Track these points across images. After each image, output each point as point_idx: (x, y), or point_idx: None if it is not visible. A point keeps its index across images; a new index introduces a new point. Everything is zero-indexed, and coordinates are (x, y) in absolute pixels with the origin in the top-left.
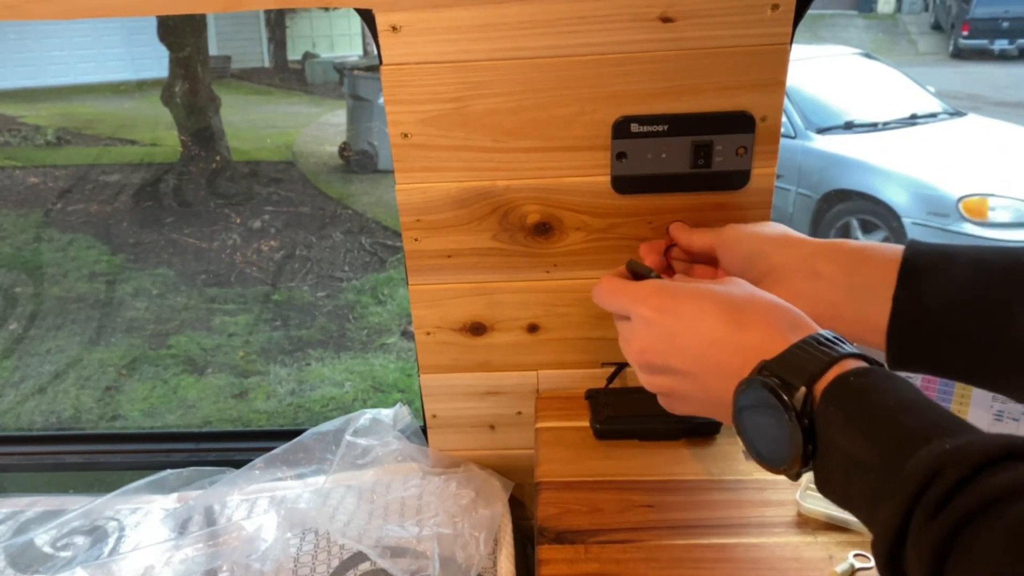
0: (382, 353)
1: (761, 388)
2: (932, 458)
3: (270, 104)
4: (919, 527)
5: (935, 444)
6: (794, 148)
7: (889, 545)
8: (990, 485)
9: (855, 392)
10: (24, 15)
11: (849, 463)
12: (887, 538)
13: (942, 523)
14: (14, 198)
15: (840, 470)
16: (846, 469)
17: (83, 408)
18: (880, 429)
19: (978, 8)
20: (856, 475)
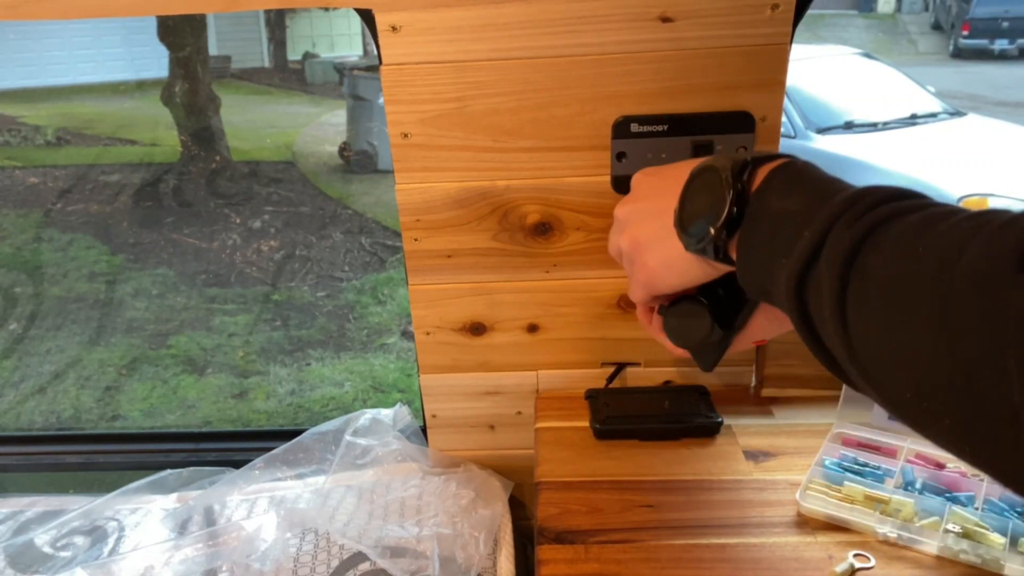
0: (382, 353)
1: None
2: (853, 192)
3: (270, 104)
4: (839, 233)
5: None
6: (794, 148)
7: (805, 261)
8: (899, 206)
9: (799, 168)
10: (24, 15)
11: (777, 219)
12: (805, 254)
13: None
14: (14, 198)
15: (767, 228)
16: (773, 225)
17: (83, 408)
18: (811, 188)
19: (978, 8)
20: (782, 225)
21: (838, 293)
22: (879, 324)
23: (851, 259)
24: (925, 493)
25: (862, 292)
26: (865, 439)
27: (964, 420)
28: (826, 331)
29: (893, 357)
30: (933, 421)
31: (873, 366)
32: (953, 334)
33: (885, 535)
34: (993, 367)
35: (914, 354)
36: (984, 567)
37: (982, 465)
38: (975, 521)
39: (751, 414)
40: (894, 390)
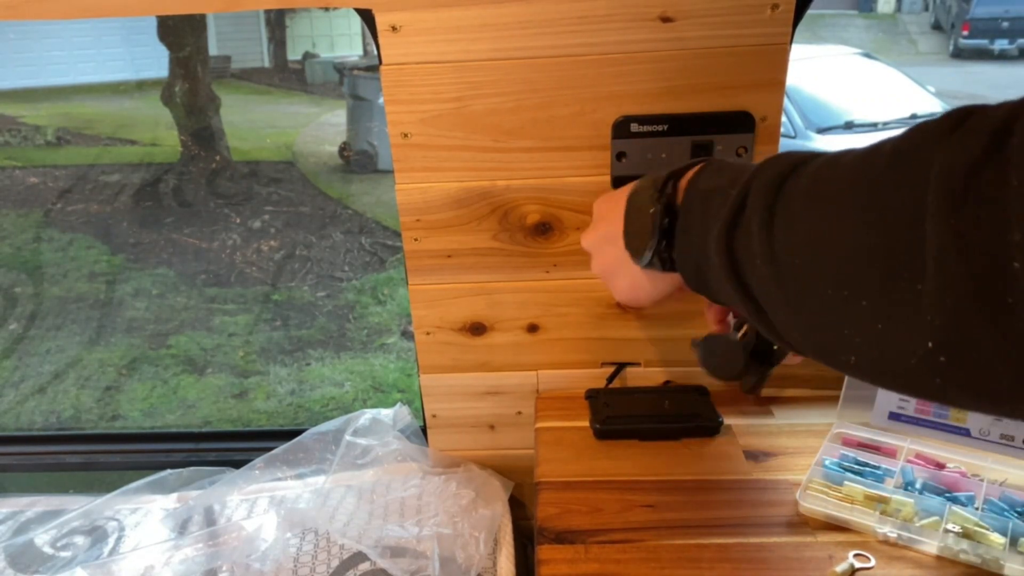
0: (382, 353)
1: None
2: (770, 157)
3: (270, 104)
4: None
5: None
6: (794, 148)
7: (734, 211)
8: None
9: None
10: (24, 15)
11: (707, 195)
12: (734, 205)
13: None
14: (14, 198)
15: (700, 205)
16: (705, 200)
17: (83, 408)
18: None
19: (978, 8)
20: (712, 198)
21: (764, 219)
22: (801, 231)
23: (777, 188)
24: (925, 493)
25: (787, 209)
26: (865, 439)
27: (882, 296)
28: (754, 268)
29: (816, 255)
30: (851, 311)
31: (797, 279)
32: (872, 207)
33: (885, 535)
34: (910, 231)
35: (835, 241)
36: (984, 567)
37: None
38: (975, 521)
39: (751, 414)
40: (816, 295)
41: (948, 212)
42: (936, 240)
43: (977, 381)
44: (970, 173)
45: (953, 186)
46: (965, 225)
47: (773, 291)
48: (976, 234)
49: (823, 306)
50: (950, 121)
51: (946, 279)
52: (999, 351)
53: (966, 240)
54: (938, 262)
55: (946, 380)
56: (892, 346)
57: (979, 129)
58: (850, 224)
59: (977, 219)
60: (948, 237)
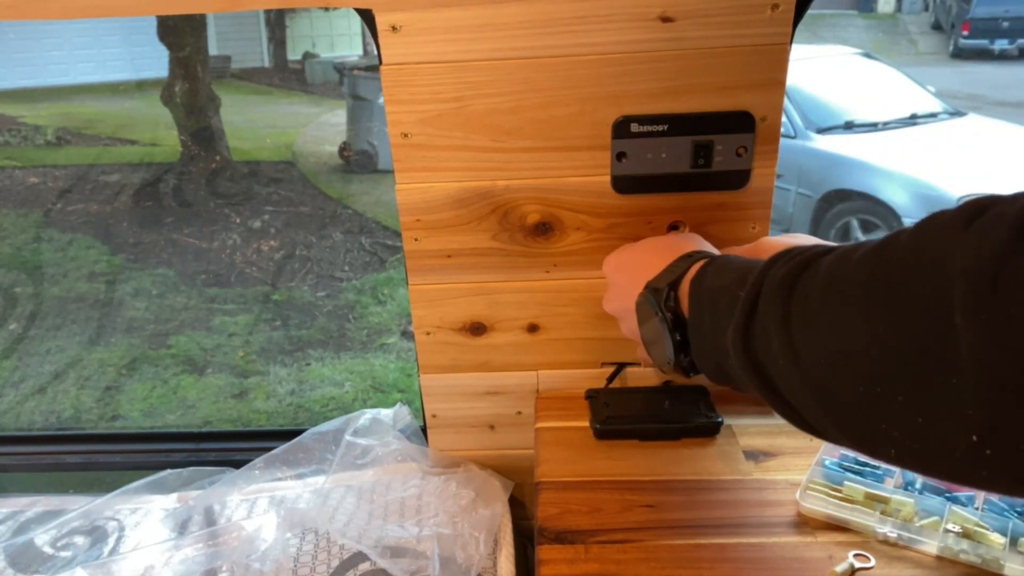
0: (382, 353)
1: (641, 301)
2: (777, 254)
3: (270, 104)
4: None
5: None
6: (794, 148)
7: (747, 313)
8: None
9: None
10: (24, 15)
11: (714, 295)
12: (746, 307)
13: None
14: (14, 198)
15: (708, 306)
16: (713, 301)
17: (83, 408)
18: (734, 268)
19: (978, 8)
20: (720, 298)
21: (781, 318)
22: (823, 331)
23: (790, 287)
24: (925, 493)
25: (803, 309)
26: None
27: (917, 391)
28: (777, 368)
29: (842, 354)
30: (887, 407)
31: (825, 378)
32: (895, 303)
33: (885, 535)
34: (939, 326)
35: (860, 339)
36: (984, 567)
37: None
38: (975, 521)
39: (751, 414)
40: (847, 393)
41: (977, 309)
42: (969, 335)
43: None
44: (997, 266)
45: (981, 282)
46: (997, 319)
47: (800, 390)
48: (1009, 328)
49: (857, 403)
50: (965, 214)
51: (983, 373)
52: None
53: (999, 333)
54: (973, 356)
55: (993, 472)
56: (934, 440)
57: (1000, 223)
58: (875, 321)
59: (1008, 314)
60: (981, 332)
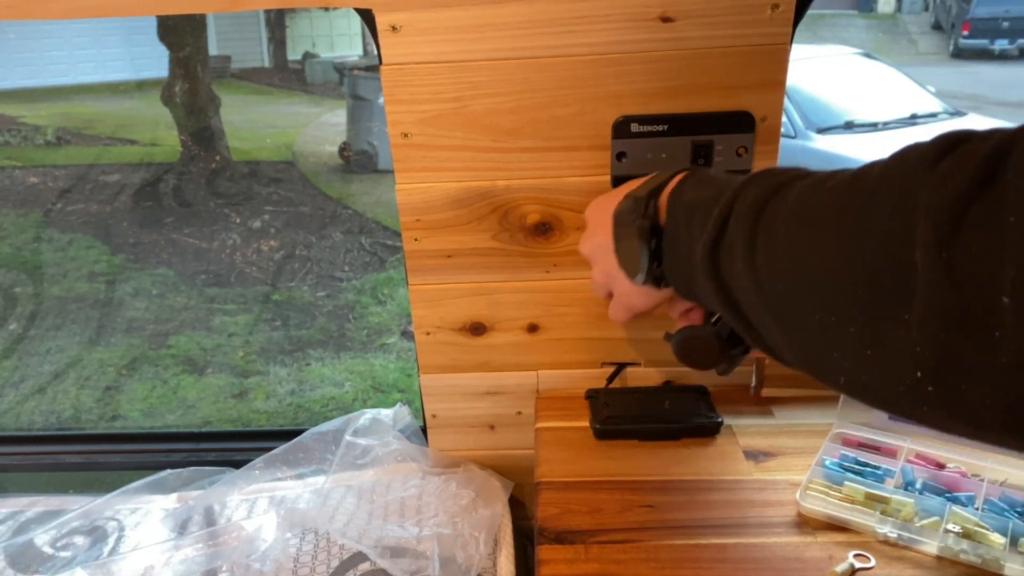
0: (382, 353)
1: (619, 210)
2: (754, 173)
3: (270, 104)
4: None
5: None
6: (794, 148)
7: (718, 227)
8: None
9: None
10: (24, 15)
11: (690, 208)
12: (717, 222)
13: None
14: (14, 198)
15: (684, 219)
16: (688, 214)
17: (83, 408)
18: (713, 182)
19: (978, 8)
20: (695, 212)
21: (747, 240)
22: (787, 253)
23: (759, 210)
24: (925, 493)
25: (770, 232)
26: (865, 439)
27: (870, 324)
28: (740, 288)
29: (801, 281)
30: (839, 336)
31: (783, 303)
32: (858, 235)
33: (885, 535)
34: (898, 260)
35: (820, 267)
36: (984, 567)
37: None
38: (975, 521)
39: (751, 414)
40: (804, 319)
41: (939, 244)
42: (926, 271)
43: (964, 412)
44: (962, 206)
45: (944, 218)
46: (957, 258)
47: (761, 311)
48: (968, 267)
49: (811, 329)
50: (938, 148)
51: (935, 310)
52: (986, 384)
53: (957, 273)
54: (927, 293)
55: (933, 409)
56: (880, 372)
57: (967, 162)
58: (835, 251)
59: (969, 253)
60: (939, 269)
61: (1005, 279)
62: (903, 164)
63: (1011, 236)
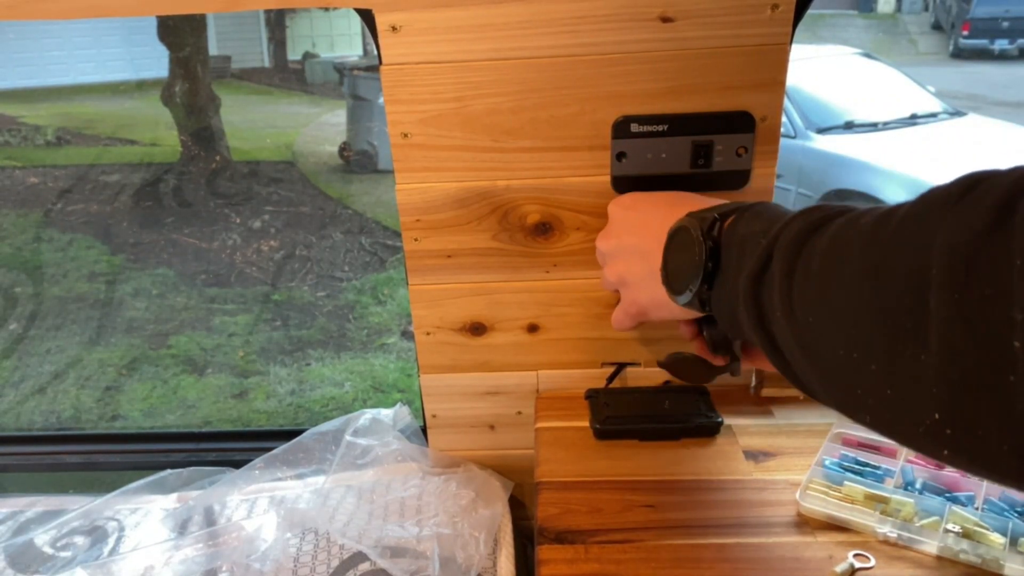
0: (382, 353)
1: (683, 226)
2: (804, 208)
3: (270, 104)
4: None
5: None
6: (794, 148)
7: (762, 261)
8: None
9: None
10: (24, 15)
11: (743, 241)
12: (763, 255)
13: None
14: (14, 198)
15: (737, 250)
16: (741, 248)
17: (83, 408)
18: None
19: (978, 8)
20: (747, 245)
21: (786, 273)
22: (818, 286)
23: (800, 244)
24: (925, 493)
25: (806, 267)
26: (865, 439)
27: (889, 362)
28: (775, 321)
29: (828, 315)
30: (862, 374)
31: (812, 337)
32: (880, 272)
33: (885, 535)
34: (915, 300)
35: (845, 302)
36: (984, 567)
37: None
38: (975, 521)
39: (751, 414)
40: (831, 354)
41: (952, 287)
42: (940, 312)
43: (982, 457)
44: (974, 249)
45: (957, 261)
46: (969, 301)
47: (793, 345)
48: (979, 311)
49: (837, 364)
50: (959, 188)
51: (950, 353)
52: (1001, 429)
53: (969, 316)
54: (941, 335)
55: (952, 452)
56: (901, 412)
57: (984, 202)
58: (859, 287)
59: (981, 296)
60: (952, 311)
61: (1017, 322)
62: (925, 204)
63: (1019, 280)
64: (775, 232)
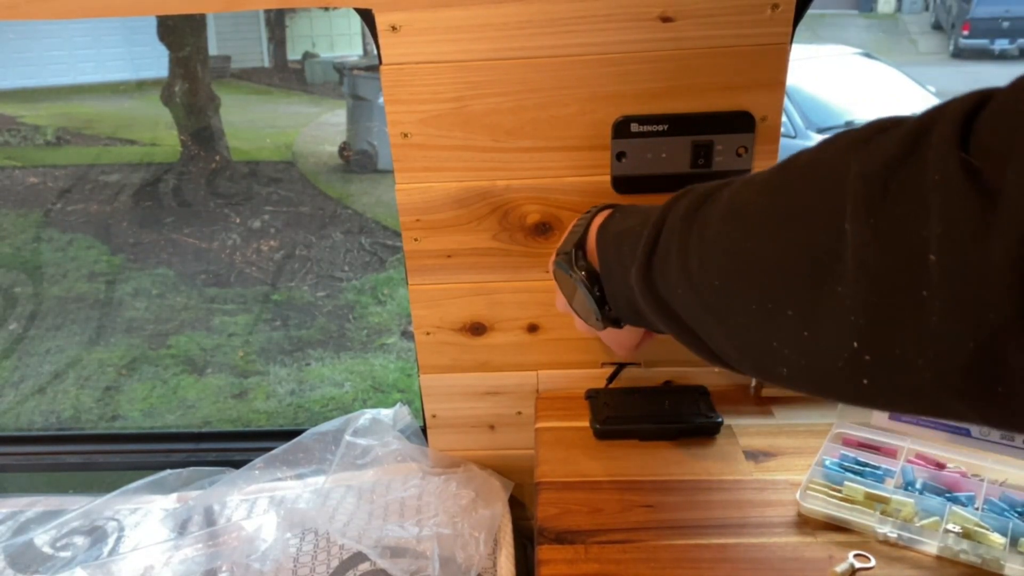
0: (382, 353)
1: (556, 268)
2: (681, 191)
3: (270, 104)
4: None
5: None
6: (794, 148)
7: (649, 247)
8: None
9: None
10: (24, 15)
11: (619, 238)
12: (648, 242)
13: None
14: (14, 198)
15: (614, 249)
16: (618, 243)
17: (83, 408)
18: (638, 211)
19: (978, 8)
20: (625, 240)
21: (681, 248)
22: (720, 248)
23: (691, 218)
24: (925, 493)
25: (701, 235)
26: (865, 439)
27: (806, 303)
28: (677, 297)
29: (736, 273)
30: (777, 323)
31: (720, 299)
32: (789, 217)
33: (885, 535)
34: (829, 234)
35: (753, 256)
36: (984, 567)
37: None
38: (975, 521)
39: (751, 414)
40: (742, 312)
41: (867, 212)
42: (856, 240)
43: (899, 375)
44: (889, 172)
45: (872, 186)
46: (884, 223)
47: (701, 315)
48: (895, 230)
49: (750, 322)
50: (870, 130)
51: (866, 277)
52: (918, 343)
53: (885, 237)
54: (857, 261)
55: (872, 379)
56: (819, 351)
57: (897, 133)
58: (768, 237)
59: (895, 216)
60: (867, 235)
61: (931, 237)
62: (834, 146)
63: (935, 193)
64: (657, 218)
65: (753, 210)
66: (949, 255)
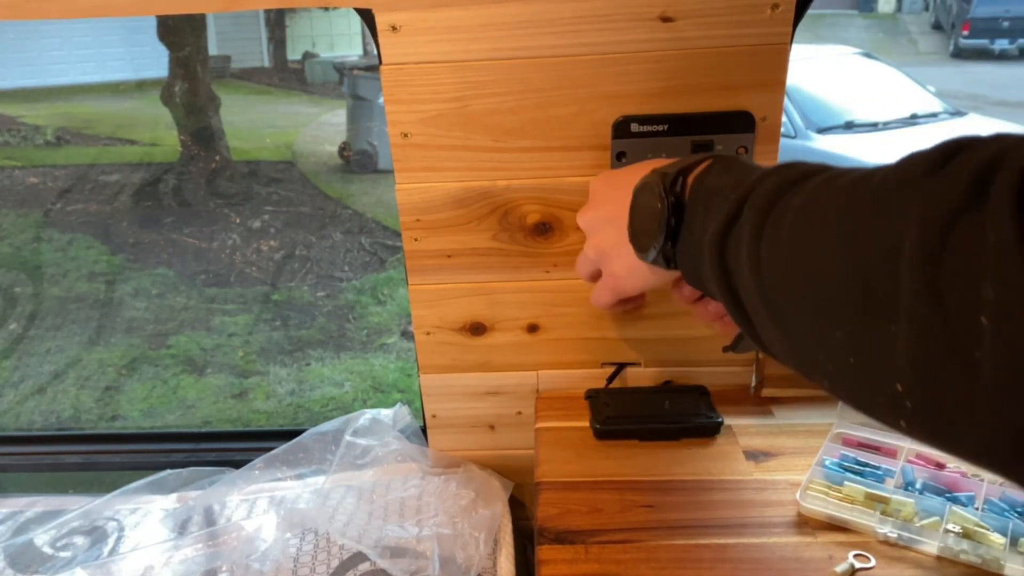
0: (382, 353)
1: (646, 183)
2: (778, 164)
3: (270, 104)
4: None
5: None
6: (794, 148)
7: (730, 216)
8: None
9: (735, 157)
10: (24, 15)
11: (710, 195)
12: (731, 210)
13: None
14: (14, 198)
15: (703, 204)
16: (708, 200)
17: (83, 408)
18: (734, 168)
19: (978, 8)
20: (714, 198)
21: (756, 230)
22: (789, 246)
23: (773, 201)
24: (925, 493)
25: (777, 225)
26: (865, 439)
27: (855, 331)
28: (741, 277)
29: (797, 276)
30: (826, 339)
31: (779, 296)
32: (854, 238)
33: (885, 535)
34: (887, 271)
35: (816, 265)
36: (984, 567)
37: (861, 385)
38: (975, 521)
39: (751, 414)
40: (795, 316)
41: (925, 261)
42: (911, 286)
43: (940, 431)
44: (948, 224)
45: (931, 235)
46: (940, 276)
47: (757, 303)
48: (950, 285)
49: (802, 329)
50: (938, 156)
51: (918, 327)
52: (963, 406)
53: (940, 290)
54: (910, 309)
55: (910, 424)
56: (862, 381)
57: (961, 172)
58: (831, 251)
59: (952, 271)
60: (922, 285)
61: (985, 299)
62: (903, 171)
63: (991, 256)
64: (747, 187)
65: (824, 217)
66: (1002, 320)
